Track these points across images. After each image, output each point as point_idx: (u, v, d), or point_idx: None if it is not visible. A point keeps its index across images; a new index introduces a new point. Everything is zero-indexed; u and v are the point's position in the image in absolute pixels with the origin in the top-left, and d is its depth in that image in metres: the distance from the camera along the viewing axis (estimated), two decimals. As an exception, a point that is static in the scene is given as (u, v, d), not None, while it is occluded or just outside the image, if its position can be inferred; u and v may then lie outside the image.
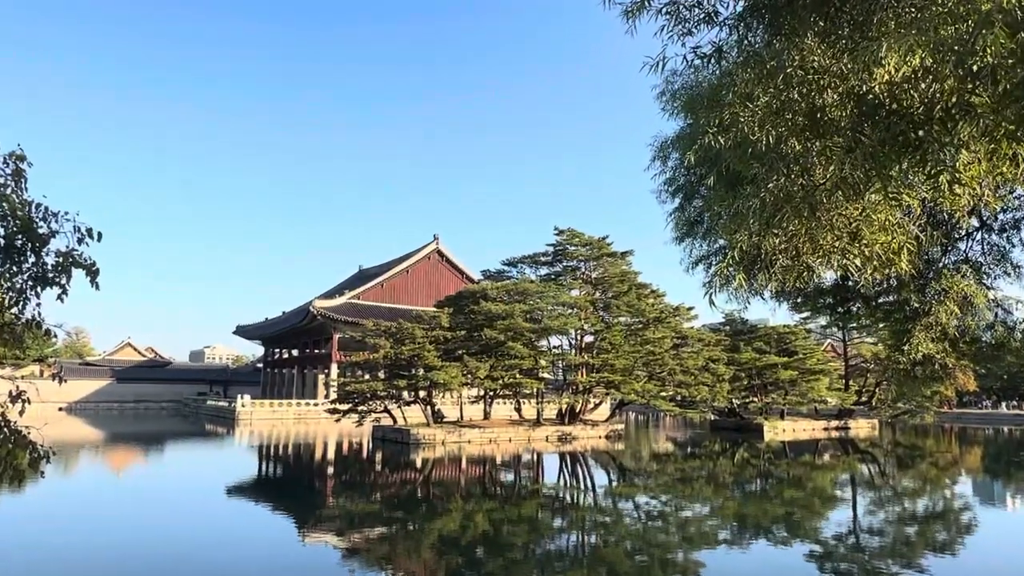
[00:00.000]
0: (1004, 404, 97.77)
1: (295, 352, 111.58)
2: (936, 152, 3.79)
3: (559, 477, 35.32)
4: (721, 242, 8.63)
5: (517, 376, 53.24)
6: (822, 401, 71.36)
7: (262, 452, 47.76)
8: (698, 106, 5.51)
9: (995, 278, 10.98)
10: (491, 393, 55.15)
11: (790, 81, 4.07)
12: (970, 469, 42.77)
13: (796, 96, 4.11)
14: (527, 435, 52.98)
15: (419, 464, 39.28)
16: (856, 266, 4.79)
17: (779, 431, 63.83)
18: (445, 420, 54.59)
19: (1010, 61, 3.25)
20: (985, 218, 10.29)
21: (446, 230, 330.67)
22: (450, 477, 34.87)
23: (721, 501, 27.44)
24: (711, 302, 4.97)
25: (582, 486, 31.91)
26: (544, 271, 61.32)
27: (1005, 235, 10.58)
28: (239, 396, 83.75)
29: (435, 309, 57.72)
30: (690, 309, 61.79)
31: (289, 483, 33.15)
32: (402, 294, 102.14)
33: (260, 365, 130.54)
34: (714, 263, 8.87)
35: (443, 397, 59.82)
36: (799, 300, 11.12)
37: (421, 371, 49.93)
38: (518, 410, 59.05)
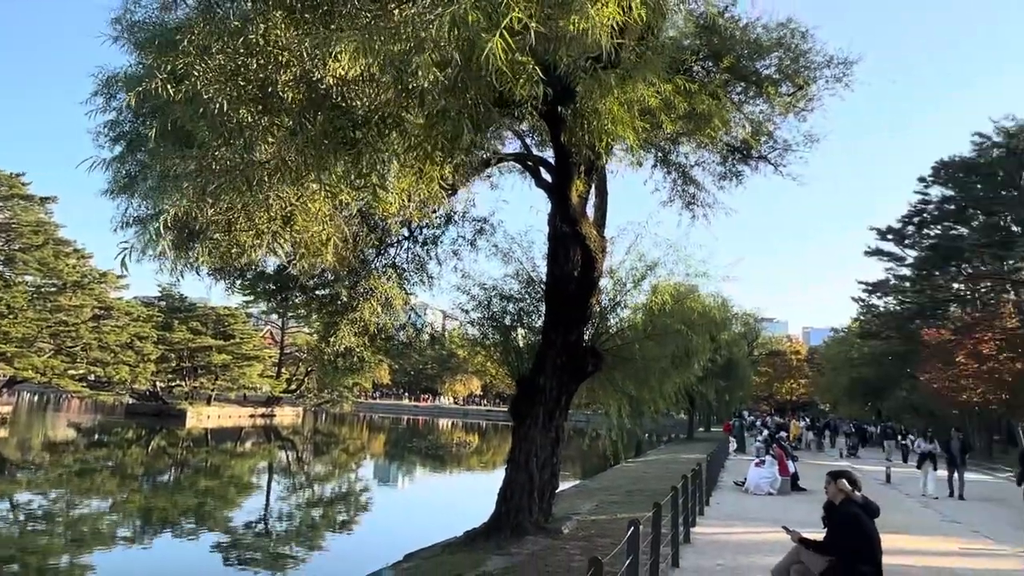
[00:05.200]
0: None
1: None
2: (370, 155, 4.28)
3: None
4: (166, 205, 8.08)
5: None
6: (253, 388, 73.51)
7: None
8: (149, 46, 5.04)
9: (414, 284, 13.03)
10: None
11: (251, 47, 4.07)
12: (375, 454, 49.49)
13: (254, 64, 4.13)
14: None
15: None
16: (286, 251, 5.05)
17: (204, 417, 63.23)
18: None
19: (436, 90, 3.90)
20: (413, 230, 12.13)
21: None
22: None
23: (126, 495, 25.77)
24: (122, 264, 4.56)
25: (-65, 485, 26.04)
26: (-81, 203, 48.54)
27: (426, 248, 12.67)
28: None
29: None
30: (121, 277, 56.77)
31: None
32: None
33: None
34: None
35: None
36: (239, 282, 11.23)
37: None
38: None
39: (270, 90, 4.08)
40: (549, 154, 11.99)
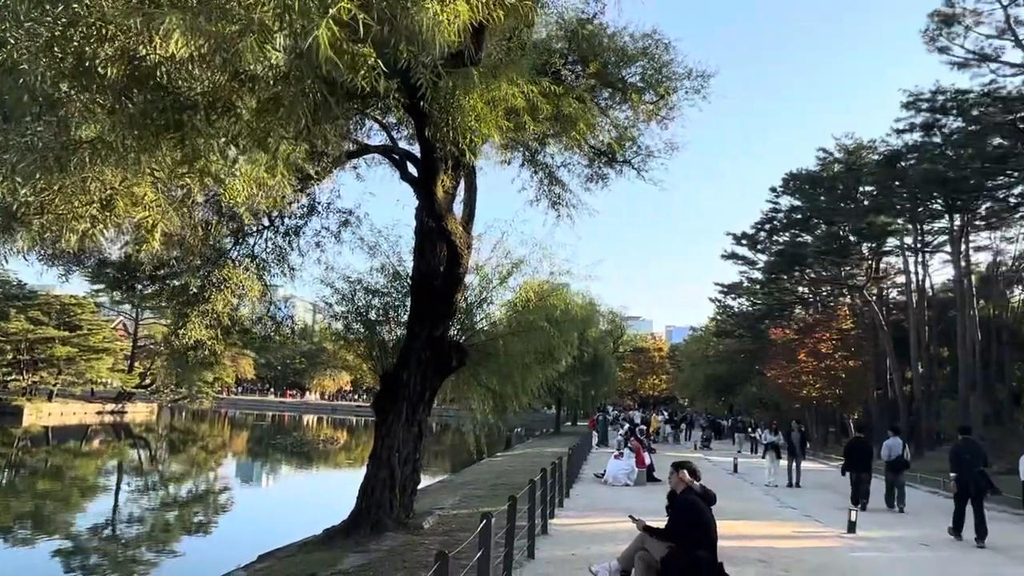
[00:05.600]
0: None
1: None
2: (197, 140, 4.07)
3: None
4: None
5: None
6: (103, 383, 68.63)
7: None
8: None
9: (274, 276, 12.59)
10: None
11: (74, 17, 3.74)
12: (236, 452, 47.51)
13: (75, 36, 3.80)
14: None
15: None
16: (107, 236, 4.72)
17: (44, 415, 58.37)
18: None
19: (269, 76, 3.76)
20: (274, 219, 11.70)
21: None
22: None
23: (-53, 500, 23.47)
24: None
25: None
26: None
27: (288, 239, 12.27)
28: None
29: None
30: (-52, 261, 51.41)
31: None
32: None
33: None
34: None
35: None
36: (77, 269, 10.41)
37: None
38: None
39: (87, 64, 3.77)
40: (418, 149, 11.91)
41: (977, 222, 42.03)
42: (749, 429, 43.36)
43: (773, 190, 51.00)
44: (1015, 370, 46.95)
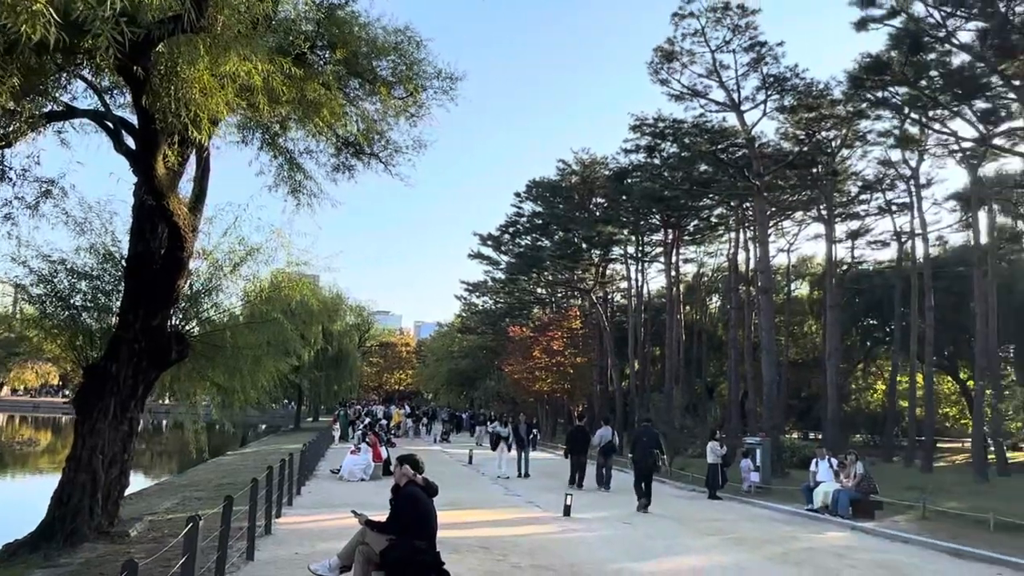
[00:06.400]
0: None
1: None
2: None
3: None
4: None
5: None
6: None
7: None
8: None
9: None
10: None
11: None
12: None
13: None
14: None
15: None
16: None
17: None
18: None
19: None
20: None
21: None
22: None
23: None
24: None
25: None
26: None
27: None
28: None
29: None
30: None
31: None
32: None
33: None
34: None
35: None
36: None
37: None
38: None
39: None
40: (136, 118, 10.73)
41: (686, 237, 47.88)
42: (488, 422, 45.28)
43: (518, 195, 53.75)
44: (710, 367, 54.27)
